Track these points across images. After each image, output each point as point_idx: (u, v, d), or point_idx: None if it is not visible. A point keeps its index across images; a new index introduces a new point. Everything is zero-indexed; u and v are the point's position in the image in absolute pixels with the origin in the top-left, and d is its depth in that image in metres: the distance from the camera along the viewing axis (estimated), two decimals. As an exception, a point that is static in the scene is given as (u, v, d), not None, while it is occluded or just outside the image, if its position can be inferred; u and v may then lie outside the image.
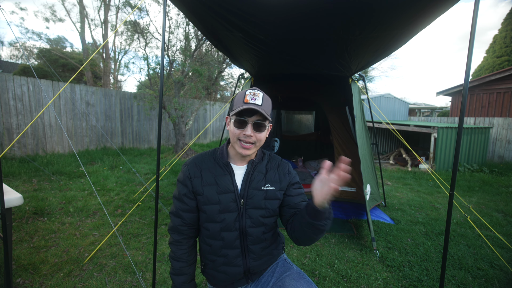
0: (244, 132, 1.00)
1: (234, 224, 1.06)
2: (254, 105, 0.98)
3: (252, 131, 1.01)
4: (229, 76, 10.34)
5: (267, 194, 1.09)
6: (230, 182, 1.06)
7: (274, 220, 1.15)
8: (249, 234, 1.08)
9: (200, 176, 1.06)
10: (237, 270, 1.09)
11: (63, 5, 10.63)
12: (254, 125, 1.01)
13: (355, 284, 2.08)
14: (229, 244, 1.07)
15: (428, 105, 18.40)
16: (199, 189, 1.05)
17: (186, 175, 1.07)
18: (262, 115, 1.01)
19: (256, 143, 1.04)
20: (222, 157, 1.10)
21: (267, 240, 1.13)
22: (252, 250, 1.09)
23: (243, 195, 1.06)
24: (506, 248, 2.69)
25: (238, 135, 1.01)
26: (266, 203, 1.08)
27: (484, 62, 15.62)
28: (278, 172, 1.14)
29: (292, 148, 6.18)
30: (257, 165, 1.12)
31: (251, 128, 1.01)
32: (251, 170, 1.09)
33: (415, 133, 8.79)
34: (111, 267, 2.20)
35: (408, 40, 1.98)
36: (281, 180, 1.12)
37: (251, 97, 1.00)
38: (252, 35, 2.02)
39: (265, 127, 1.03)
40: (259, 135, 1.03)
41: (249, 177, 1.08)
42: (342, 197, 3.87)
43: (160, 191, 4.27)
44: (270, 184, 1.10)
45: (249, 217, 1.07)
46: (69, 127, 6.65)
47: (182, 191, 1.07)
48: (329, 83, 3.87)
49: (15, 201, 1.69)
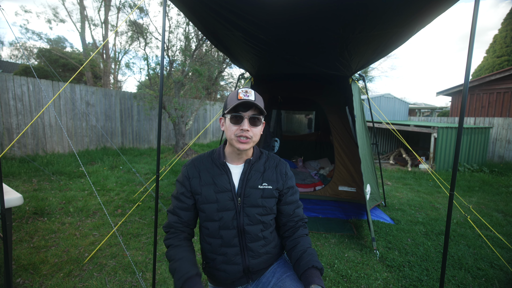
0: (241, 127, 1.03)
1: (232, 222, 1.08)
2: (248, 100, 1.01)
3: (248, 126, 1.03)
4: (229, 76, 10.36)
5: (264, 192, 1.11)
6: (227, 181, 1.08)
7: (272, 218, 1.17)
8: (247, 232, 1.09)
9: (198, 177, 1.10)
10: (236, 268, 1.10)
11: (63, 5, 10.62)
12: (250, 119, 1.04)
13: (355, 284, 2.08)
14: (227, 242, 1.09)
15: (428, 105, 18.40)
16: (198, 189, 1.08)
17: (185, 175, 1.11)
18: (257, 109, 1.04)
19: (253, 138, 1.06)
20: (219, 157, 1.13)
21: (266, 238, 1.14)
22: (251, 248, 1.10)
23: (240, 194, 1.09)
24: (506, 248, 2.69)
25: (235, 131, 1.03)
26: (263, 201, 1.10)
27: (484, 62, 15.62)
28: (276, 171, 1.16)
29: (292, 148, 6.19)
30: (254, 164, 1.14)
31: (248, 122, 1.03)
32: (248, 169, 1.12)
33: (415, 133, 8.79)
34: (111, 267, 2.20)
35: (408, 39, 1.98)
36: (278, 180, 1.15)
37: (244, 94, 1.03)
38: (252, 34, 2.02)
39: (260, 122, 1.07)
40: (255, 129, 1.05)
41: (246, 176, 1.11)
42: (342, 197, 3.87)
43: (160, 191, 4.27)
44: (267, 183, 1.12)
45: (247, 215, 1.09)
46: (69, 127, 6.65)
47: (180, 190, 1.11)
48: (329, 83, 3.87)
49: (15, 201, 1.69)
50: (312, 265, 1.01)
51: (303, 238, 1.13)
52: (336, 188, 3.89)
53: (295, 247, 1.11)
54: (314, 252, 1.08)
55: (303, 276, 1.02)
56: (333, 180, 3.91)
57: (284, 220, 1.18)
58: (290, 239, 1.15)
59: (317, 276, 0.99)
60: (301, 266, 1.04)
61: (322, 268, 1.04)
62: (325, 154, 5.75)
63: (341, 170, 3.86)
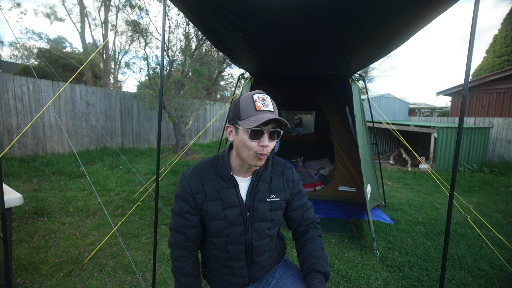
0: (262, 143, 0.90)
1: (240, 238, 1.03)
2: (269, 112, 0.90)
3: (268, 141, 0.91)
4: (229, 76, 10.36)
5: (272, 205, 1.06)
6: (235, 196, 1.01)
7: (278, 229, 1.16)
8: (255, 248, 1.06)
9: (203, 191, 0.99)
10: (241, 281, 1.09)
11: (63, 5, 10.62)
12: (270, 134, 0.92)
13: (355, 284, 2.08)
14: (234, 256, 1.05)
15: (428, 105, 18.41)
16: (204, 206, 0.99)
17: (187, 191, 0.99)
18: (277, 122, 0.92)
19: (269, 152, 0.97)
20: (225, 168, 1.01)
21: (271, 249, 1.13)
22: (257, 262, 1.08)
23: (249, 208, 1.02)
24: (506, 248, 2.69)
25: (255, 147, 0.91)
26: (271, 215, 1.06)
27: (484, 62, 15.62)
28: (282, 180, 1.10)
29: (292, 148, 6.19)
30: (261, 174, 1.06)
31: (268, 137, 0.91)
32: (256, 181, 1.04)
33: (415, 133, 8.79)
34: (111, 267, 2.20)
35: (408, 39, 1.98)
36: (285, 190, 1.10)
37: (262, 103, 0.90)
38: (252, 34, 2.02)
39: (279, 135, 0.95)
40: (272, 143, 0.94)
41: (253, 189, 1.03)
42: (342, 197, 3.87)
43: (160, 191, 4.27)
44: (275, 194, 1.06)
45: (255, 231, 1.04)
46: (69, 127, 6.65)
47: (184, 208, 1.00)
48: (329, 83, 3.87)
49: (15, 201, 1.69)
50: (314, 269, 0.99)
51: (311, 241, 1.10)
52: (336, 188, 3.89)
53: (302, 250, 1.09)
54: (321, 255, 1.04)
55: (305, 279, 1.01)
56: (333, 180, 3.91)
57: (294, 225, 1.16)
58: (299, 241, 1.14)
59: (317, 280, 0.96)
60: (304, 269, 1.04)
61: (327, 272, 0.99)
62: (325, 154, 5.74)
63: (341, 170, 3.86)
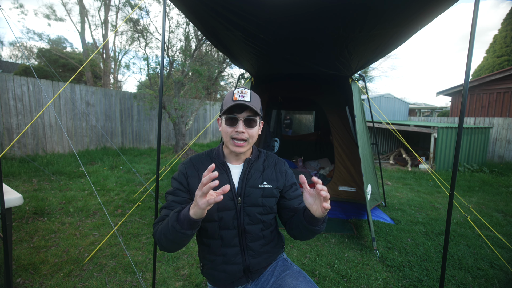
0: (236, 129, 1.02)
1: (233, 222, 1.07)
2: (243, 101, 1.00)
3: (243, 127, 1.02)
4: (229, 76, 10.35)
5: (264, 191, 1.10)
6: (226, 181, 1.06)
7: (272, 217, 1.16)
8: (248, 232, 1.09)
9: (197, 176, 1.07)
10: (236, 268, 1.10)
11: (63, 5, 10.62)
12: (245, 121, 1.03)
13: (355, 284, 2.08)
14: (228, 242, 1.08)
15: (428, 105, 18.41)
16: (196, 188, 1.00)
17: (182, 173, 1.08)
18: (252, 111, 1.02)
19: (249, 140, 1.05)
20: (218, 156, 1.11)
21: (266, 237, 1.14)
22: (251, 248, 1.10)
23: (240, 193, 1.07)
24: (506, 248, 2.69)
25: (231, 133, 1.03)
26: (263, 201, 1.10)
27: (484, 62, 15.63)
28: (275, 170, 1.16)
29: (292, 148, 6.19)
30: (253, 163, 1.13)
31: (243, 124, 1.02)
32: (248, 168, 1.11)
33: (415, 133, 8.79)
34: (111, 267, 2.20)
35: (408, 38, 1.98)
36: (278, 179, 1.14)
37: (239, 94, 1.02)
38: (252, 34, 2.02)
39: (256, 123, 1.05)
40: (251, 131, 1.04)
41: (245, 175, 1.09)
42: (342, 197, 3.87)
43: (160, 191, 4.27)
44: (267, 182, 1.11)
45: (247, 215, 1.08)
46: (69, 127, 6.65)
47: (176, 186, 1.07)
48: (329, 83, 3.87)
49: (15, 201, 1.69)
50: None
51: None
52: (336, 188, 3.89)
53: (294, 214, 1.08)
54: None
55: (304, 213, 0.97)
56: (333, 180, 3.91)
57: (290, 214, 1.13)
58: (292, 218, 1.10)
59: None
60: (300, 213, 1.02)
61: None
62: (325, 154, 5.75)
63: (341, 170, 3.86)
